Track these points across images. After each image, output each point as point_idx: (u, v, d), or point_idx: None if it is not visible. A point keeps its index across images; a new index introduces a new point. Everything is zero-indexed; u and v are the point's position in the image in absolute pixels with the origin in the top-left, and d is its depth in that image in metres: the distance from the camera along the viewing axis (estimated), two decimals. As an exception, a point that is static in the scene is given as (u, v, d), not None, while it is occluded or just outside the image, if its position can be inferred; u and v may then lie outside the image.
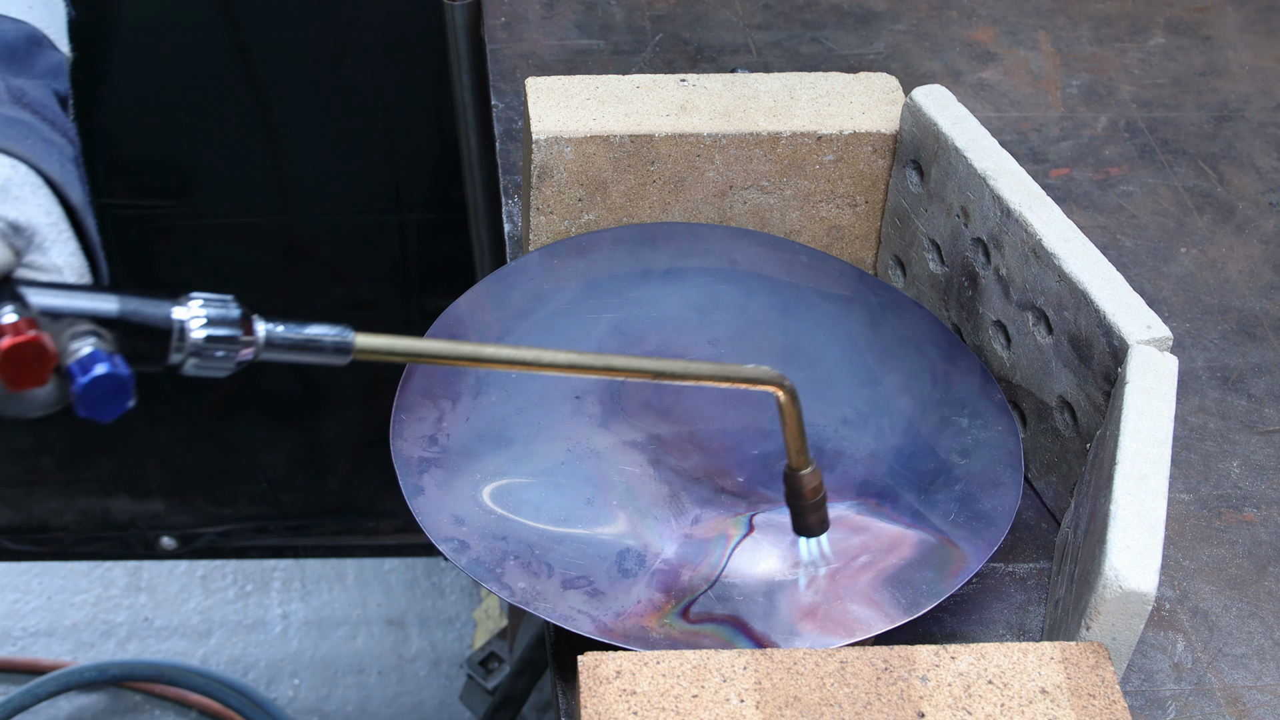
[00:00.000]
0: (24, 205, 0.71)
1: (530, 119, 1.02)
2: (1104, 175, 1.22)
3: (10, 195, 0.71)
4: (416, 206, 1.80)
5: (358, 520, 2.10)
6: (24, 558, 2.11)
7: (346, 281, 1.88)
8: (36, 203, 0.72)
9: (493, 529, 0.87)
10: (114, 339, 0.68)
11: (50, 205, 0.73)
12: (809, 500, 0.84)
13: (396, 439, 0.91)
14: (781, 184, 1.05)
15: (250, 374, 2.06)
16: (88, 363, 0.66)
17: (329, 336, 0.73)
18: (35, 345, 0.65)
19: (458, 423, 0.93)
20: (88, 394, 0.66)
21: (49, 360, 0.66)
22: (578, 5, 1.36)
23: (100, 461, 2.01)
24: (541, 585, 0.84)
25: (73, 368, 0.66)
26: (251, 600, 2.28)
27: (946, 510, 0.90)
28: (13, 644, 2.20)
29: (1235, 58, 1.37)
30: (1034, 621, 0.90)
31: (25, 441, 1.99)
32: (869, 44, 1.35)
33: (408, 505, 0.88)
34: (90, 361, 0.66)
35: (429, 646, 2.23)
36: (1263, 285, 1.13)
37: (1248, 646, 0.89)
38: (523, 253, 1.09)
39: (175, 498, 2.05)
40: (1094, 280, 0.89)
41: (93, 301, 0.68)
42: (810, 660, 0.74)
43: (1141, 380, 0.84)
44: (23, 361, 0.65)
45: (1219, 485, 0.99)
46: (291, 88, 1.68)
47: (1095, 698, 0.73)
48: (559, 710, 0.84)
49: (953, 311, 1.02)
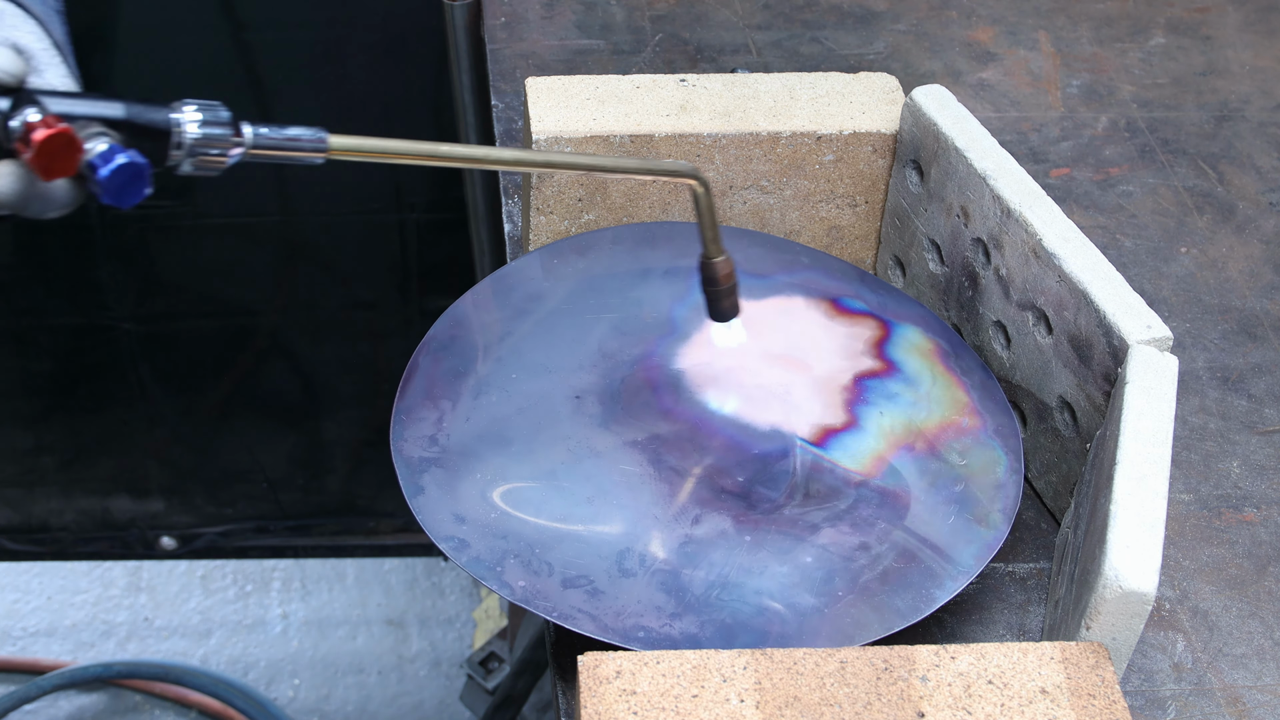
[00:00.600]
0: (18, 31, 0.79)
1: (530, 119, 1.02)
2: (1104, 175, 1.22)
3: (5, 22, 0.79)
4: (416, 206, 1.80)
5: (358, 520, 2.10)
6: (24, 558, 2.11)
7: (347, 281, 1.89)
8: (29, 29, 0.80)
9: (493, 528, 0.87)
10: (121, 139, 0.75)
11: (41, 34, 0.80)
12: (723, 285, 0.92)
13: (397, 439, 0.92)
14: (781, 184, 1.05)
15: (250, 374, 2.06)
16: (108, 155, 0.73)
17: (306, 136, 0.80)
18: (66, 136, 0.73)
19: (458, 423, 0.93)
20: (112, 182, 0.73)
21: (77, 150, 0.73)
22: (578, 5, 1.36)
23: (100, 461, 2.01)
24: (542, 584, 0.84)
25: (94, 161, 0.73)
26: (251, 600, 2.28)
27: (946, 512, 0.90)
28: (13, 644, 2.20)
29: (1235, 58, 1.37)
30: (1034, 621, 0.90)
31: (25, 441, 1.99)
32: (869, 44, 1.35)
33: (408, 505, 0.88)
34: (110, 153, 0.73)
35: (429, 646, 2.23)
36: (1263, 285, 1.13)
37: (1248, 646, 0.89)
38: (523, 253, 1.09)
39: (175, 498, 2.05)
40: (1094, 280, 0.89)
41: (99, 106, 0.75)
42: (810, 660, 0.74)
43: (1141, 380, 0.84)
44: (55, 151, 0.72)
45: (1219, 485, 0.99)
46: (292, 87, 1.69)
47: (1095, 698, 0.73)
48: (559, 710, 0.84)
49: (953, 311, 1.02)
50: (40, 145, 0.72)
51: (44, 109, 0.73)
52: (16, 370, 1.93)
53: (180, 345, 1.91)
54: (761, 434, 0.96)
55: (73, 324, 1.87)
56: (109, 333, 1.87)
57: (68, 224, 1.76)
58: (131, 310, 1.85)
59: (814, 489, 0.93)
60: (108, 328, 1.86)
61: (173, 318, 1.88)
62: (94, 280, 1.83)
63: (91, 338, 1.88)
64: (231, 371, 1.95)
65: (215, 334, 1.91)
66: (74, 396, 1.95)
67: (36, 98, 0.74)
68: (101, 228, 1.75)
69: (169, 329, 1.89)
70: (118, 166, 0.73)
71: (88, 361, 1.91)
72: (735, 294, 0.93)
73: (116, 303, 1.84)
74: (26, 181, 0.75)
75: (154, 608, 2.26)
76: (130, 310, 1.85)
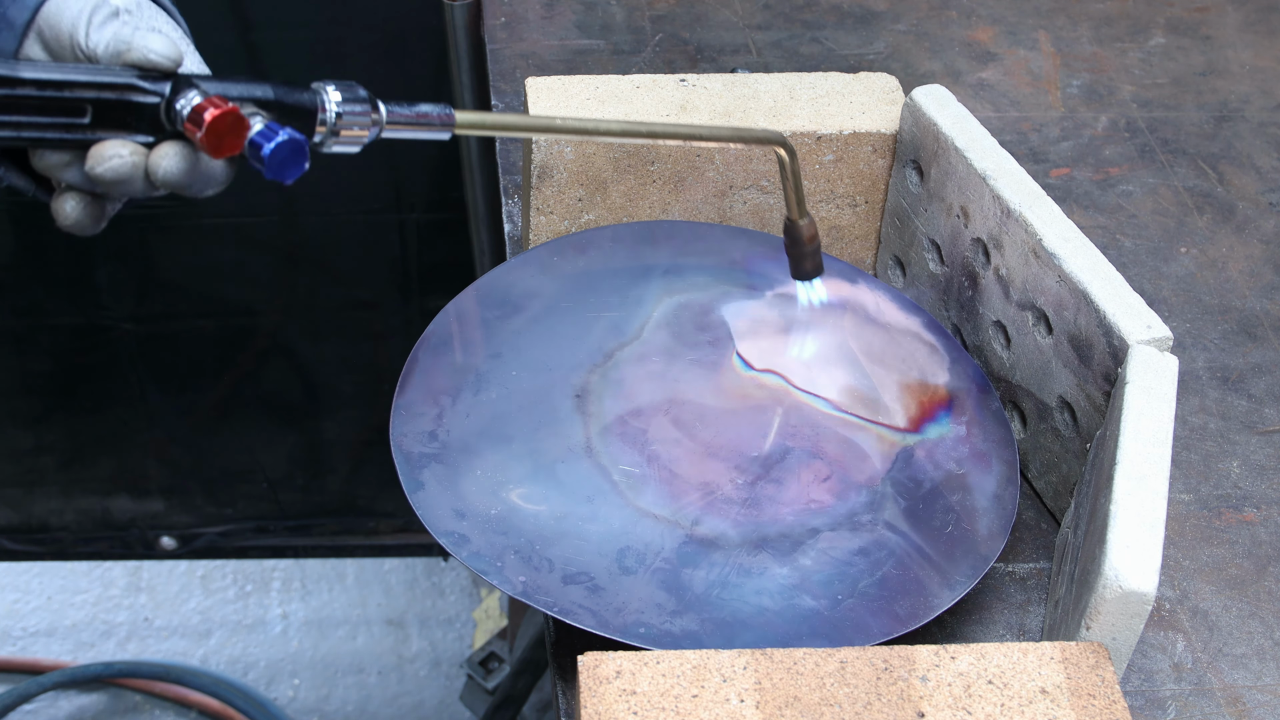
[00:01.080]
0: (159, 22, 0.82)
1: (530, 119, 1.02)
2: (1104, 175, 1.22)
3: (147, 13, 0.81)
4: (417, 207, 1.80)
5: (358, 520, 2.10)
6: (24, 558, 2.11)
7: (347, 282, 1.88)
8: (166, 21, 0.82)
9: (493, 524, 0.87)
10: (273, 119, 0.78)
11: (174, 25, 0.83)
12: (807, 246, 0.95)
13: (397, 435, 0.91)
14: (781, 184, 1.05)
15: (250, 374, 2.05)
16: (269, 132, 0.76)
17: (435, 111, 0.85)
18: (234, 115, 0.75)
19: (458, 419, 0.93)
20: (275, 157, 0.76)
21: (244, 128, 0.76)
22: (578, 5, 1.36)
23: (100, 461, 2.01)
24: (542, 579, 0.84)
25: (256, 139, 0.76)
26: (251, 600, 2.28)
27: (945, 519, 0.90)
28: (13, 644, 2.20)
29: (1235, 58, 1.37)
30: (1034, 621, 0.90)
31: (25, 442, 1.99)
32: (869, 44, 1.35)
33: (408, 500, 0.88)
34: (271, 131, 0.76)
35: (429, 646, 2.23)
36: (1263, 285, 1.13)
37: (1248, 646, 0.89)
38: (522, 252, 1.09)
39: (175, 498, 2.05)
40: (1094, 280, 0.89)
41: (250, 89, 0.78)
42: (810, 660, 0.74)
43: (1141, 380, 0.84)
44: (225, 130, 0.75)
45: (1219, 485, 0.99)
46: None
47: (1095, 698, 0.73)
48: (559, 710, 0.84)
49: (953, 311, 1.02)
50: (211, 124, 0.74)
51: (204, 91, 0.76)
52: (16, 370, 1.93)
53: (180, 345, 1.91)
54: (762, 435, 0.96)
55: (73, 324, 1.87)
56: (109, 333, 1.87)
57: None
58: (131, 310, 1.85)
59: (814, 492, 0.93)
60: (108, 328, 1.86)
61: (172, 318, 1.88)
62: (93, 280, 1.83)
63: (91, 338, 1.88)
64: (231, 371, 1.95)
65: (215, 334, 1.91)
66: (74, 396, 1.95)
67: (195, 81, 0.77)
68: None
69: (169, 329, 1.89)
70: (280, 142, 0.75)
71: (87, 362, 1.91)
72: (818, 254, 0.96)
73: (116, 303, 1.84)
74: (192, 161, 0.77)
75: (154, 608, 2.26)
76: (130, 310, 1.85)
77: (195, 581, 2.30)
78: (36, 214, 1.75)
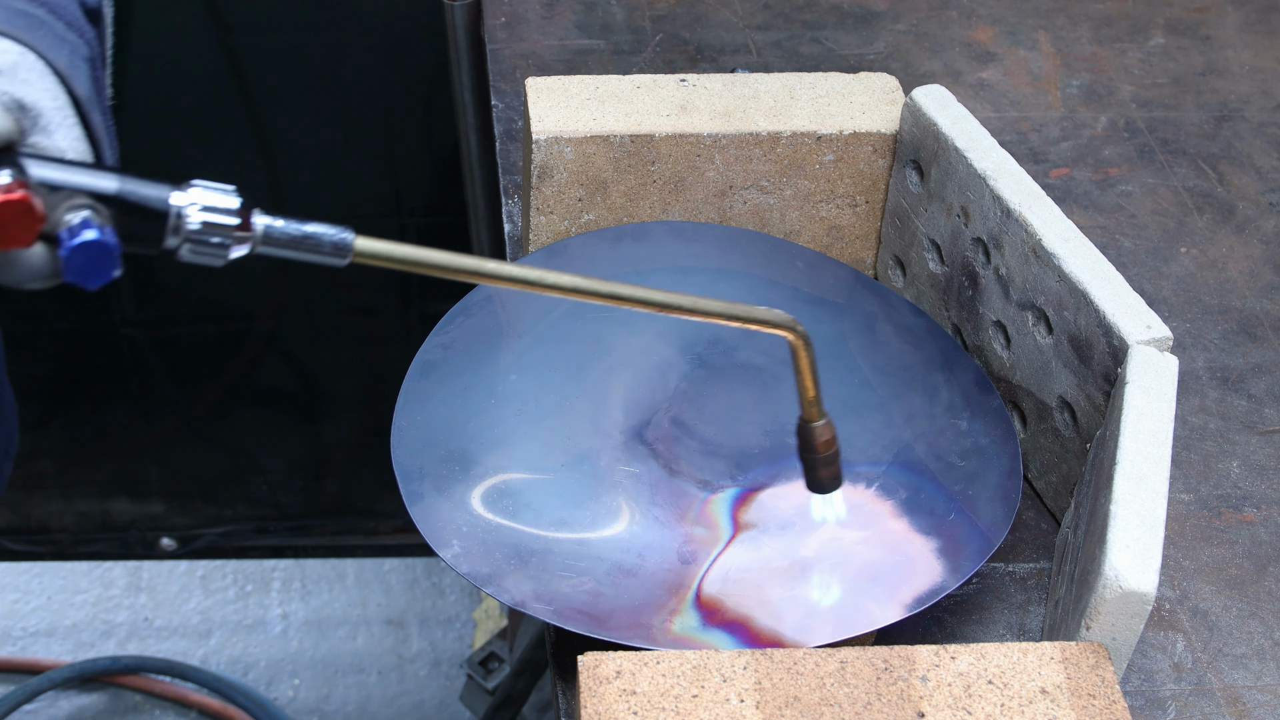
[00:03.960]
0: (30, 87, 0.74)
1: (530, 119, 1.02)
2: (1104, 175, 1.22)
3: (18, 77, 0.74)
4: (416, 210, 1.80)
5: (357, 520, 2.10)
6: (24, 558, 2.11)
7: (346, 286, 1.88)
8: (43, 87, 0.75)
9: (493, 532, 0.87)
10: (110, 216, 0.70)
11: (57, 91, 0.75)
12: (821, 454, 0.81)
13: (396, 447, 0.91)
14: (781, 184, 1.05)
15: (250, 377, 2.05)
16: (77, 229, 0.68)
17: (328, 235, 0.73)
18: (22, 204, 0.67)
19: (457, 428, 0.93)
20: (74, 259, 0.68)
21: (36, 221, 0.68)
22: (578, 5, 1.36)
23: (99, 464, 2.01)
24: (541, 587, 0.84)
25: (62, 234, 0.68)
26: (251, 600, 2.28)
27: (946, 511, 0.90)
28: (13, 644, 2.20)
29: (1235, 58, 1.37)
30: (1034, 621, 0.90)
31: (25, 444, 1.99)
32: (869, 44, 1.35)
33: (408, 513, 0.88)
34: (80, 228, 0.68)
35: (429, 646, 2.23)
36: (1263, 285, 1.13)
37: (1248, 646, 0.89)
38: (523, 253, 1.09)
39: (175, 499, 2.05)
40: (1094, 280, 0.89)
41: (92, 178, 0.70)
42: (810, 660, 0.74)
43: (1141, 380, 0.84)
44: (9, 219, 0.67)
45: (1219, 485, 0.99)
46: (291, 89, 1.69)
47: (1095, 698, 0.73)
48: (559, 710, 0.84)
49: (953, 311, 1.02)
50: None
51: (21, 172, 0.68)
52: (17, 374, 1.92)
53: (180, 349, 1.91)
54: (763, 433, 0.96)
55: (71, 328, 1.87)
56: (109, 337, 1.87)
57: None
58: (130, 315, 1.85)
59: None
60: (107, 332, 1.86)
61: (172, 322, 1.88)
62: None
63: (91, 342, 1.88)
64: (231, 373, 1.95)
65: (214, 338, 1.90)
66: (73, 401, 1.95)
67: (20, 160, 0.69)
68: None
69: (168, 333, 1.88)
70: (82, 243, 0.68)
71: (88, 366, 1.91)
72: (836, 463, 0.82)
73: (115, 307, 1.84)
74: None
75: (154, 608, 2.26)
76: (129, 315, 1.85)
77: (195, 581, 2.30)
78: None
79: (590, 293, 0.74)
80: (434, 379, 0.95)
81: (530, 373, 0.97)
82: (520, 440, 0.93)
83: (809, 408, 0.80)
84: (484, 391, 0.96)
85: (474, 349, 0.98)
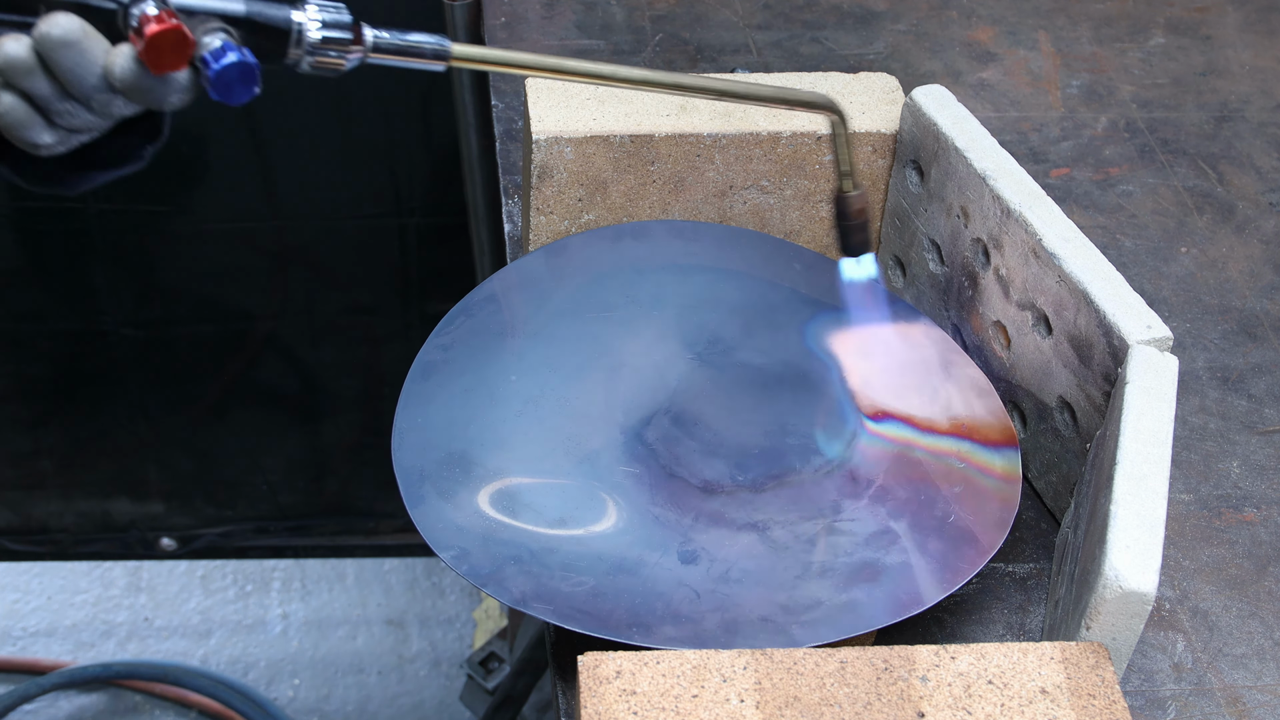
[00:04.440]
0: None
1: (530, 119, 1.02)
2: (1104, 175, 1.22)
3: None
4: (416, 210, 1.80)
5: (357, 520, 2.10)
6: (24, 558, 2.11)
7: (346, 287, 1.88)
8: None
9: (493, 534, 0.87)
10: (240, 36, 0.77)
11: None
12: (854, 220, 0.91)
13: (397, 448, 0.91)
14: (781, 184, 1.05)
15: (250, 377, 2.05)
16: (220, 52, 0.75)
17: (428, 43, 0.82)
18: (177, 32, 0.74)
19: (458, 429, 0.93)
20: (221, 78, 0.75)
21: (188, 46, 0.75)
22: (578, 5, 1.36)
23: (99, 464, 2.01)
24: (541, 587, 0.84)
25: (206, 57, 0.75)
26: (251, 600, 2.28)
27: (945, 513, 0.90)
28: (13, 644, 2.20)
29: (1235, 58, 1.37)
30: (1034, 621, 0.90)
31: (25, 445, 1.99)
32: (869, 44, 1.35)
33: (409, 515, 0.88)
34: (222, 51, 0.75)
35: (429, 646, 2.23)
36: (1263, 285, 1.13)
37: (1248, 646, 0.89)
38: (523, 253, 1.09)
39: (175, 499, 2.05)
40: (1094, 280, 0.89)
41: (221, 2, 0.77)
42: (810, 660, 0.74)
43: (1142, 380, 0.84)
44: (165, 47, 0.74)
45: (1219, 485, 0.99)
46: (290, 90, 1.68)
47: (1095, 698, 0.73)
48: (559, 710, 0.84)
49: (953, 311, 1.02)
50: (151, 39, 0.74)
51: (163, 2, 0.75)
52: (15, 375, 1.93)
53: (179, 349, 1.91)
54: (764, 433, 0.96)
55: (71, 329, 1.87)
56: (108, 337, 1.87)
57: (66, 229, 1.76)
58: (130, 315, 1.85)
59: (814, 489, 0.93)
60: (107, 332, 1.86)
61: (171, 322, 1.88)
62: (92, 285, 1.83)
63: (90, 342, 1.88)
64: (230, 374, 1.95)
65: (214, 338, 1.90)
66: (73, 401, 1.95)
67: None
68: (99, 232, 1.75)
69: (168, 333, 1.88)
70: (227, 65, 0.74)
71: (86, 366, 1.91)
72: (867, 229, 0.92)
73: (114, 307, 1.84)
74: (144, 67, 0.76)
75: (154, 608, 2.26)
76: (128, 315, 1.85)
77: (195, 582, 2.30)
78: (37, 219, 1.75)
79: (654, 83, 0.85)
80: (434, 380, 0.95)
81: (530, 373, 0.97)
82: (521, 441, 0.93)
83: (845, 180, 0.91)
84: (484, 393, 0.95)
85: (474, 350, 0.98)
